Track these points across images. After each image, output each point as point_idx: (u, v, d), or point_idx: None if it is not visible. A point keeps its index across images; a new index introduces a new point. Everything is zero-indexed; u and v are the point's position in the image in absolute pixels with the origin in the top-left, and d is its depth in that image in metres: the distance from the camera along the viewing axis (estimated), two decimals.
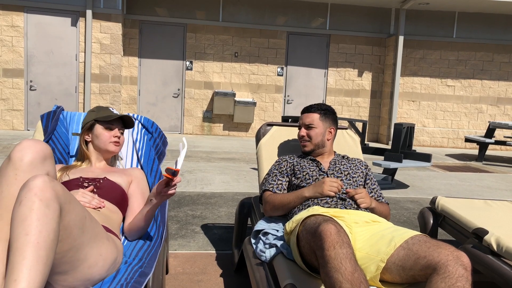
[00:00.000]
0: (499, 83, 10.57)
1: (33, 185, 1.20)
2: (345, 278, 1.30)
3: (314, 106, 2.28)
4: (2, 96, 8.82)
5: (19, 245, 1.14)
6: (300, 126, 2.29)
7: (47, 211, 1.18)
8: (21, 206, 1.18)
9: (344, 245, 1.37)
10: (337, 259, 1.33)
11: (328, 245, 1.37)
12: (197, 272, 2.49)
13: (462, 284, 1.30)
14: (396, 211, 4.12)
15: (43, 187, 1.20)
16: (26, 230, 1.15)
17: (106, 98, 9.08)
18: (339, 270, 1.32)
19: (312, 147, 2.23)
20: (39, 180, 1.21)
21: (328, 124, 2.26)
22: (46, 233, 1.17)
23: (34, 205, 1.17)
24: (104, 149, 2.01)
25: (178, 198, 4.15)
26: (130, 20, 9.47)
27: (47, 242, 1.17)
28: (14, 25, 8.70)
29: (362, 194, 1.95)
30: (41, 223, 1.16)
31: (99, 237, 1.41)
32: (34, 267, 1.12)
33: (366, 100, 10.51)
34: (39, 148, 1.41)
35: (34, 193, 1.19)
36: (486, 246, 1.99)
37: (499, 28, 10.40)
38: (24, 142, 1.40)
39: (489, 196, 5.03)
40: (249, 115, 9.82)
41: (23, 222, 1.16)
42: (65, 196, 1.26)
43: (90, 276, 1.39)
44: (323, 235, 1.39)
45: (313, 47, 10.21)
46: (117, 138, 2.03)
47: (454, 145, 10.53)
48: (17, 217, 1.18)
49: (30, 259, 1.12)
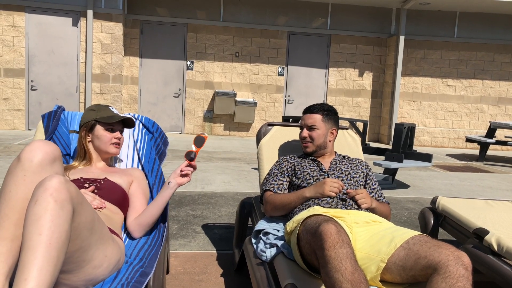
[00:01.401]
0: (500, 83, 10.56)
1: (49, 185, 1.21)
2: (345, 278, 1.31)
3: (316, 106, 2.25)
4: (3, 96, 8.83)
5: (31, 244, 1.15)
6: (302, 126, 2.26)
7: (61, 212, 1.19)
8: (36, 205, 1.19)
9: (344, 245, 1.37)
10: (337, 259, 1.34)
11: (329, 245, 1.37)
12: (198, 272, 2.49)
13: (463, 284, 1.30)
14: (396, 211, 4.12)
15: (59, 188, 1.21)
16: (40, 230, 1.16)
17: (107, 98, 9.09)
18: (339, 270, 1.32)
19: (314, 148, 2.22)
20: (55, 180, 1.22)
21: (330, 125, 2.25)
22: (59, 234, 1.18)
23: (49, 206, 1.18)
24: (104, 151, 2.01)
25: (178, 198, 4.16)
26: (131, 20, 9.48)
27: (59, 243, 1.18)
28: (15, 25, 8.71)
29: (363, 195, 1.95)
30: (54, 224, 1.17)
31: (105, 239, 1.43)
32: (45, 268, 1.13)
33: (367, 100, 10.51)
34: (49, 150, 1.41)
35: (50, 193, 1.20)
36: (487, 246, 1.99)
37: (500, 28, 10.39)
38: (34, 143, 1.41)
39: (490, 196, 5.03)
40: (249, 115, 9.82)
41: (37, 222, 1.17)
42: (78, 198, 1.27)
43: (94, 276, 1.40)
44: (324, 235, 1.39)
45: (314, 47, 10.21)
46: (118, 140, 2.03)
47: (455, 145, 10.53)
48: (31, 216, 1.19)
49: (41, 259, 1.13)
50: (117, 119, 2.01)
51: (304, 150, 2.26)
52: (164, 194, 1.86)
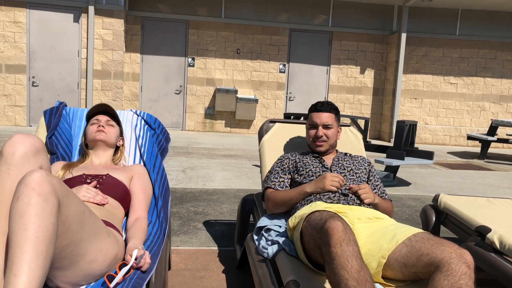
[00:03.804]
0: (502, 80, 10.53)
1: (30, 180, 1.19)
2: (351, 276, 1.30)
3: (328, 105, 2.24)
4: (4, 92, 8.83)
5: (18, 240, 1.14)
6: (315, 125, 2.22)
7: (45, 206, 1.18)
8: (18, 201, 1.18)
9: (350, 242, 1.37)
10: (344, 257, 1.33)
11: (335, 242, 1.36)
12: (200, 269, 2.50)
13: (465, 282, 1.30)
14: (398, 209, 4.12)
15: (41, 181, 1.19)
16: (25, 225, 1.15)
17: (108, 94, 9.08)
18: (345, 267, 1.32)
19: (327, 147, 2.22)
20: (36, 174, 1.20)
21: (338, 123, 2.28)
22: (45, 227, 1.16)
23: (31, 200, 1.17)
24: (92, 140, 2.06)
25: (180, 194, 4.16)
26: (132, 16, 9.46)
27: (46, 236, 1.16)
28: (17, 21, 8.70)
29: (366, 190, 1.94)
30: (39, 217, 1.16)
31: (99, 233, 1.40)
32: (34, 262, 1.12)
33: (368, 98, 10.49)
34: (30, 142, 1.40)
35: (32, 188, 1.18)
36: (489, 243, 1.99)
37: (502, 26, 10.36)
38: (14, 137, 1.40)
39: (492, 194, 5.02)
40: (251, 112, 9.81)
41: (21, 217, 1.16)
42: (62, 190, 1.25)
43: (90, 271, 1.39)
44: (330, 232, 1.39)
45: (315, 44, 10.19)
46: (99, 126, 2.07)
47: (456, 142, 10.52)
48: (15, 213, 1.17)
49: (29, 254, 1.12)
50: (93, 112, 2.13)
51: (317, 149, 2.22)
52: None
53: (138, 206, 1.87)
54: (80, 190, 1.69)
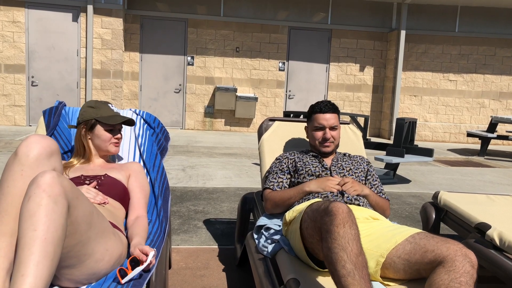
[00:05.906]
0: (502, 77, 10.53)
1: (42, 181, 1.20)
2: (350, 259, 1.30)
3: (331, 105, 2.24)
4: (3, 92, 8.83)
5: (27, 241, 1.15)
6: (322, 127, 2.20)
7: (55, 207, 1.19)
8: (29, 202, 1.19)
9: (353, 226, 1.36)
10: (345, 238, 1.33)
11: (339, 221, 1.35)
12: (200, 267, 2.50)
13: (466, 280, 1.30)
14: (398, 206, 4.12)
15: (52, 183, 1.20)
16: (34, 225, 1.16)
17: (108, 93, 9.08)
18: (346, 249, 1.31)
19: (333, 147, 2.23)
20: (47, 176, 1.22)
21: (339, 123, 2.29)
22: (54, 228, 1.18)
23: (42, 201, 1.18)
24: (104, 150, 2.01)
25: (180, 193, 4.16)
26: (131, 15, 9.45)
27: (55, 237, 1.17)
28: (15, 20, 8.68)
29: (349, 183, 1.95)
30: (49, 219, 1.17)
31: (106, 232, 1.42)
32: (42, 263, 1.13)
33: (368, 95, 10.49)
34: (45, 144, 1.40)
35: (43, 189, 1.19)
36: (489, 240, 1.99)
37: (501, 22, 10.35)
38: (30, 138, 1.40)
39: (491, 191, 5.02)
40: (250, 110, 9.81)
41: (31, 218, 1.17)
42: (73, 192, 1.26)
43: (96, 270, 1.40)
44: (335, 211, 1.38)
45: (314, 42, 10.18)
46: (118, 140, 2.03)
47: (456, 140, 10.52)
48: (25, 213, 1.18)
49: (37, 254, 1.13)
50: (120, 121, 2.00)
51: (324, 150, 2.21)
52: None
53: (138, 204, 1.87)
54: (81, 190, 1.69)
